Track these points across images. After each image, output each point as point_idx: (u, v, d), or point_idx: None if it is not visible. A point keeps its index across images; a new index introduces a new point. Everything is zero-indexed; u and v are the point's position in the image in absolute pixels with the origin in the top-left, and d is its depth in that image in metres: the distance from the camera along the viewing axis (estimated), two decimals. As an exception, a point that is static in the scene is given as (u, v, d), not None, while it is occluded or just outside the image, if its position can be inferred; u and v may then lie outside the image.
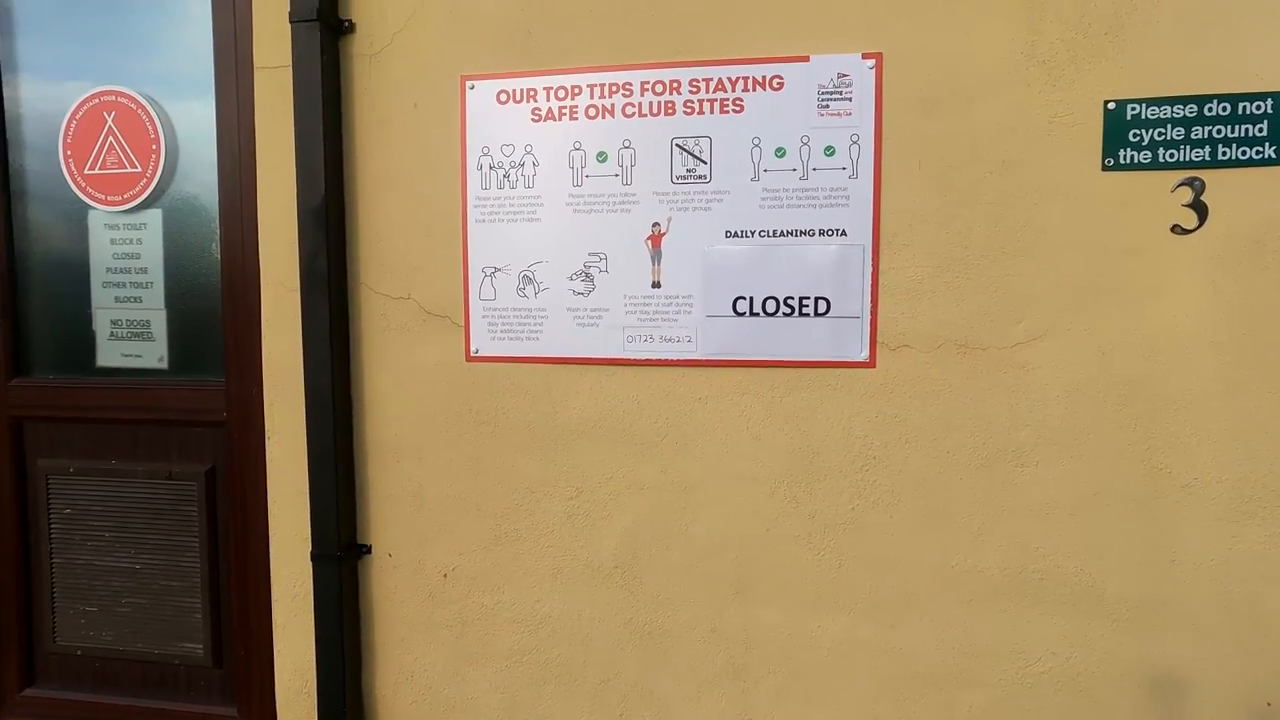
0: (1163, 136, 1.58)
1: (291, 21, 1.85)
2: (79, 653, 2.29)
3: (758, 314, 1.81)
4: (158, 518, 2.21)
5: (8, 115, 2.20)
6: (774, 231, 1.79)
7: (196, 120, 2.10)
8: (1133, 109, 1.59)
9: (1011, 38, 1.64)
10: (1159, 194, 1.61)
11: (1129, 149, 1.60)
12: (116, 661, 2.28)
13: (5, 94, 2.19)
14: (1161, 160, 1.59)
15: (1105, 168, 1.62)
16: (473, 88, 1.89)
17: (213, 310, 2.14)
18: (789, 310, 1.80)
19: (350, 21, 1.90)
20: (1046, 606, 1.72)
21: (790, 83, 1.76)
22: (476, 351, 1.94)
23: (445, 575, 2.00)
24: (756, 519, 1.84)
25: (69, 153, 2.15)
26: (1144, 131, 1.59)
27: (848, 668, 1.82)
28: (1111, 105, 1.60)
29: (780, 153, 1.78)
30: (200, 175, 2.11)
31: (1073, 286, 1.66)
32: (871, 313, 1.76)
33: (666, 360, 1.85)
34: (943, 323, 1.72)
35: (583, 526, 1.92)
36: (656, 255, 1.85)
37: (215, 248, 2.12)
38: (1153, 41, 1.59)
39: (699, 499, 1.86)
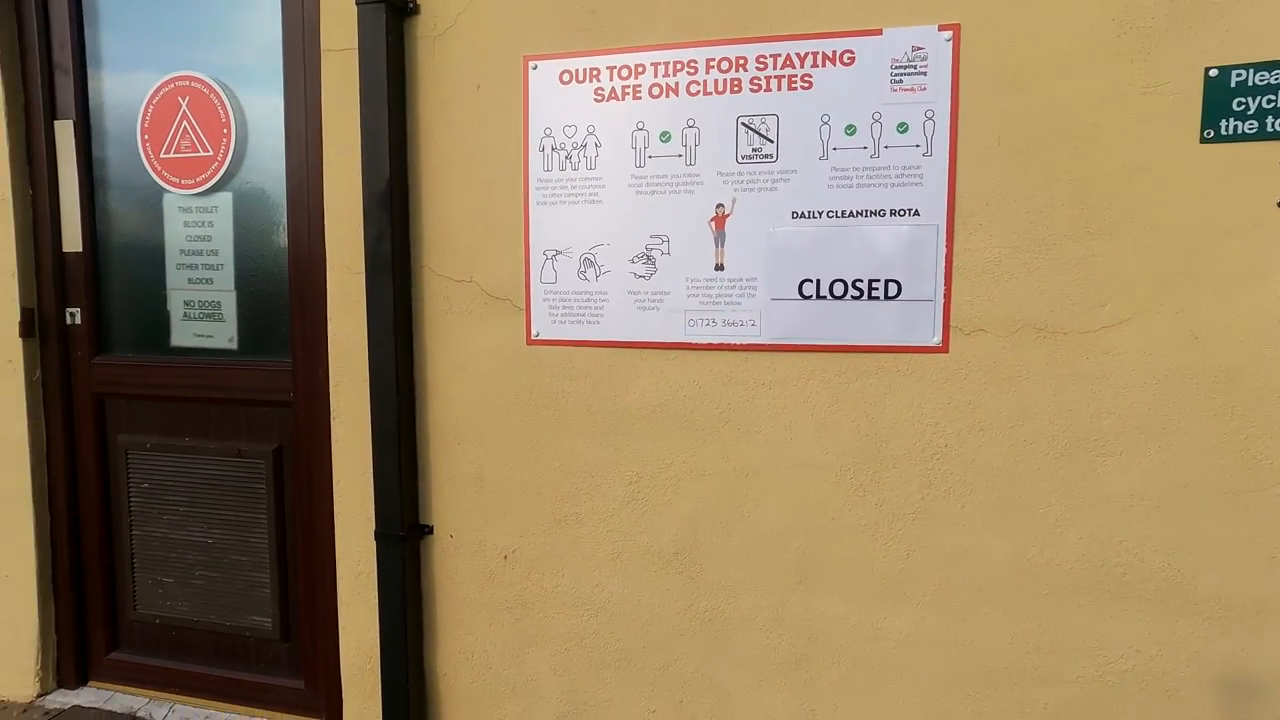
0: (1272, 104, 1.47)
1: (358, 3, 1.86)
2: (157, 621, 2.39)
3: (824, 297, 1.76)
4: (228, 494, 2.28)
5: (91, 104, 2.28)
6: (843, 212, 1.74)
7: (265, 104, 2.15)
8: (1238, 75, 1.49)
9: (1102, 4, 1.55)
10: (1266, 166, 1.50)
11: (1232, 118, 1.50)
12: (191, 631, 2.37)
13: (90, 85, 2.27)
14: (1270, 129, 1.49)
15: (1204, 139, 1.52)
16: (535, 68, 1.88)
17: (280, 292, 2.19)
18: (858, 293, 1.74)
19: (415, 3, 1.90)
20: (1130, 602, 1.64)
21: (862, 57, 1.70)
22: (537, 335, 1.94)
23: (505, 557, 2.01)
24: (821, 507, 1.80)
25: (146, 137, 2.22)
26: (1250, 99, 1.48)
27: (915, 661, 1.77)
28: (1214, 72, 1.50)
29: (850, 130, 1.72)
30: (268, 158, 2.16)
31: (1164, 267, 1.57)
32: (945, 296, 1.69)
33: (729, 344, 1.82)
34: (1021, 306, 1.65)
35: (643, 512, 1.91)
36: (720, 237, 1.81)
37: (282, 230, 2.16)
38: (1260, 1, 1.48)
39: (761, 486, 1.83)
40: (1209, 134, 1.51)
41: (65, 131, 2.26)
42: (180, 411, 2.31)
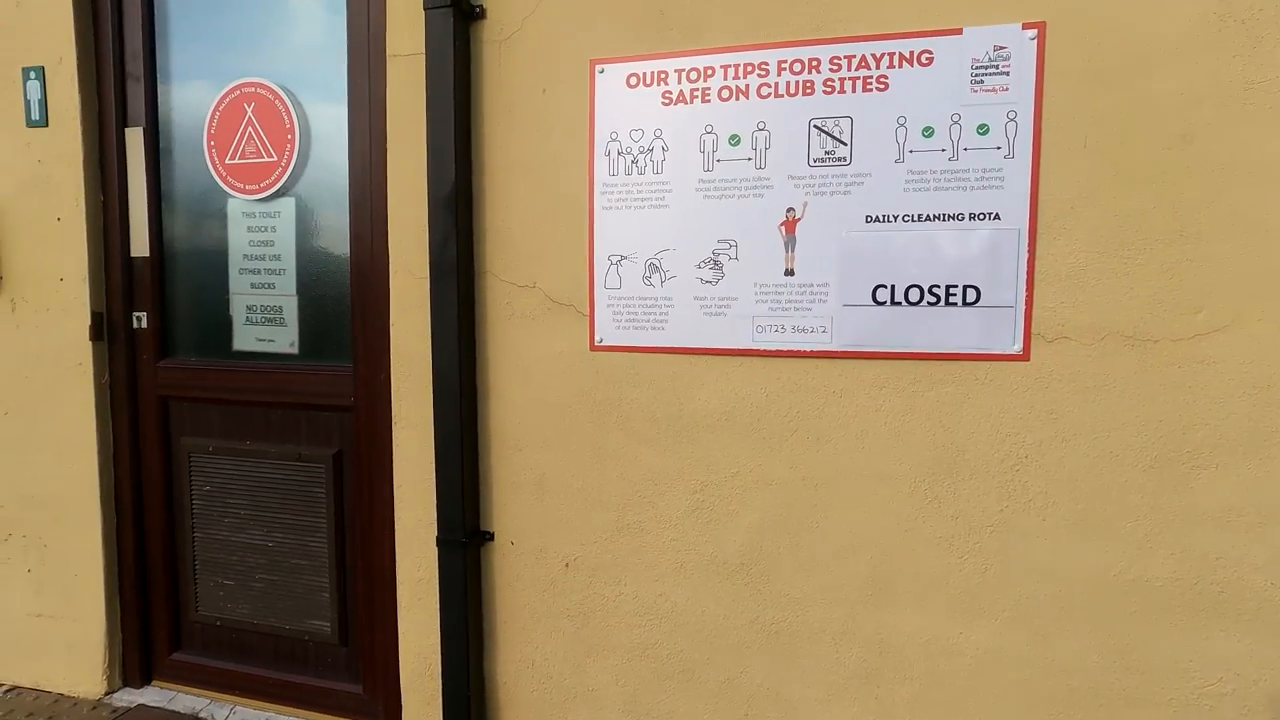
0: (1392, 102, 1.40)
1: (425, 8, 1.86)
2: (218, 623, 2.41)
3: (899, 303, 1.71)
4: (288, 498, 2.29)
5: (160, 111, 2.32)
6: (919, 216, 1.69)
7: (328, 109, 2.15)
8: (1352, 72, 1.42)
9: (1202, -3, 1.49)
10: (1380, 168, 1.43)
11: (1346, 118, 1.43)
12: (251, 633, 2.38)
13: (159, 93, 2.31)
14: (1389, 129, 1.42)
15: (1315, 139, 1.45)
16: (602, 72, 1.86)
17: (341, 297, 2.20)
18: (934, 299, 1.69)
19: (481, 7, 1.90)
20: (1228, 622, 1.57)
21: (941, 57, 1.66)
22: (601, 341, 1.92)
23: (567, 565, 1.99)
24: (894, 519, 1.75)
25: (213, 143, 2.24)
26: (1367, 97, 1.41)
27: (993, 678, 1.71)
28: (1328, 68, 1.43)
29: (928, 132, 1.67)
30: (331, 163, 2.17)
31: (1266, 271, 1.50)
32: (1026, 302, 1.64)
33: (799, 351, 1.78)
34: (1107, 313, 1.59)
35: (707, 521, 1.88)
36: (790, 241, 1.77)
37: (344, 235, 2.16)
38: (1375, -4, 1.41)
39: (831, 496, 1.79)
40: (1319, 132, 1.44)
41: (135, 139, 2.30)
42: (241, 415, 2.33)
